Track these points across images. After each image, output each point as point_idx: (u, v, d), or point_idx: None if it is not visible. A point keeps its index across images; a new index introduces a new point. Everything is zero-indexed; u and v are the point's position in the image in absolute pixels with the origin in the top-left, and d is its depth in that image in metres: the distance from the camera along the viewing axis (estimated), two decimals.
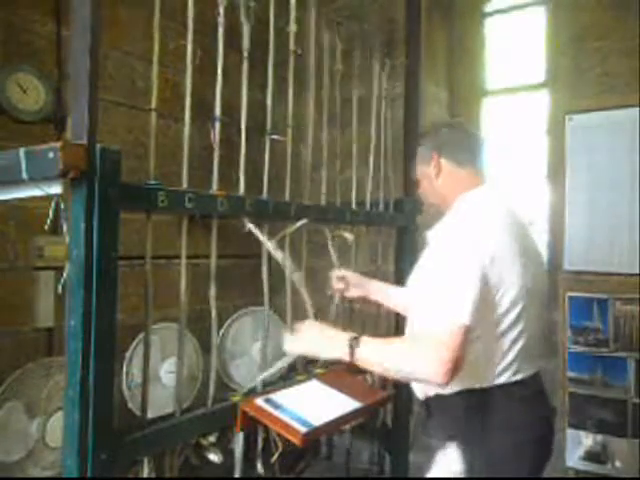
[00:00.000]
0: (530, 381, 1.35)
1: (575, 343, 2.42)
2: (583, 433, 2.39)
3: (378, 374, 1.29)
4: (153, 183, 1.29)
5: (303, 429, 1.35)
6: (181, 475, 1.43)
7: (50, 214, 1.15)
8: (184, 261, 1.41)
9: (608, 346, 2.34)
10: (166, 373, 1.58)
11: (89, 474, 1.10)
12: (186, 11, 1.40)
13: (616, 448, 2.32)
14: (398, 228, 2.21)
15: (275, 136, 1.64)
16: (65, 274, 1.14)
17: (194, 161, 1.45)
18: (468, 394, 1.30)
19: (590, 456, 2.38)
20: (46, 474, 1.46)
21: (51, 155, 1.05)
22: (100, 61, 1.12)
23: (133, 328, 1.43)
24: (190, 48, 1.40)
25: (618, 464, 2.32)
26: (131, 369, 1.50)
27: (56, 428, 1.45)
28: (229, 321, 1.73)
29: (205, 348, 1.58)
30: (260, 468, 1.60)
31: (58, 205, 1.16)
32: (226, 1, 1.45)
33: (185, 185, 1.40)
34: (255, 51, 1.56)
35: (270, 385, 1.63)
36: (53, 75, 2.22)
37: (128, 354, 1.51)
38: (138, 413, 1.34)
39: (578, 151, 2.47)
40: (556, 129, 2.58)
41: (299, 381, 1.68)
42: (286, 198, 1.70)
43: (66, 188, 1.11)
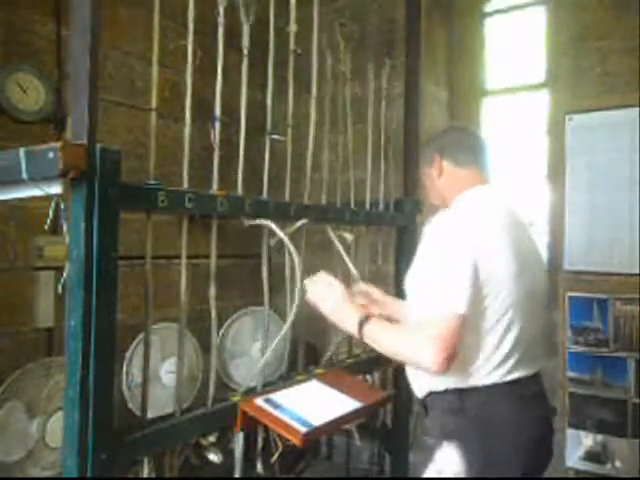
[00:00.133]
0: (530, 381, 1.35)
1: (575, 343, 2.42)
2: (583, 433, 2.39)
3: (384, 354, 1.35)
4: (153, 183, 1.29)
5: (303, 429, 1.34)
6: (181, 475, 1.43)
7: (50, 214, 1.15)
8: (184, 261, 1.41)
9: (608, 346, 2.34)
10: (166, 373, 1.58)
11: (89, 474, 1.10)
12: (186, 11, 1.40)
13: (616, 448, 2.32)
14: (398, 228, 2.21)
15: (275, 136, 1.64)
16: (65, 274, 1.14)
17: (194, 161, 1.45)
18: (465, 392, 1.31)
19: (590, 456, 2.38)
20: (46, 474, 1.46)
21: (51, 155, 1.05)
22: (100, 61, 1.12)
23: (133, 328, 1.43)
24: (190, 48, 1.40)
25: (618, 464, 2.32)
26: (131, 369, 1.50)
27: (56, 428, 1.45)
28: (229, 321, 1.73)
29: (205, 348, 1.58)
30: (260, 468, 1.60)
31: (58, 205, 1.16)
32: (226, 1, 1.45)
33: (185, 185, 1.40)
34: (255, 51, 1.56)
35: (270, 385, 1.63)
36: (53, 75, 2.22)
37: (128, 354, 1.51)
38: (138, 413, 1.34)
39: (578, 151, 2.47)
40: (556, 129, 2.58)
41: (299, 381, 1.68)
42: (286, 198, 1.70)
43: (66, 188, 1.11)
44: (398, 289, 1.98)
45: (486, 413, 1.30)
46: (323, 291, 1.44)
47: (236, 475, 1.54)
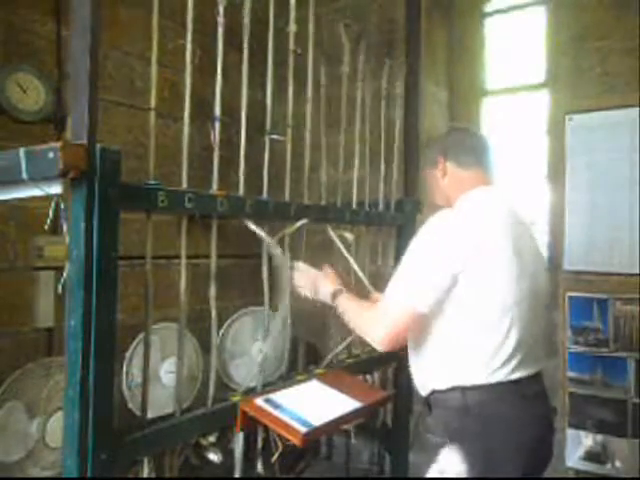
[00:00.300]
0: (531, 380, 1.36)
1: (575, 343, 2.42)
2: (583, 433, 2.39)
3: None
4: (153, 183, 1.29)
5: (303, 429, 1.35)
6: (181, 475, 1.43)
7: (50, 214, 1.15)
8: (184, 261, 1.41)
9: (608, 346, 2.34)
10: (166, 373, 1.58)
11: (89, 474, 1.10)
12: (185, 11, 1.40)
13: (616, 448, 2.32)
14: (398, 228, 2.21)
15: (275, 136, 1.64)
16: (65, 274, 1.14)
17: (194, 161, 1.45)
18: (468, 391, 1.32)
19: (590, 456, 2.38)
20: (46, 474, 1.46)
21: (51, 155, 1.05)
22: (100, 61, 1.12)
23: (133, 328, 1.43)
24: (189, 47, 1.40)
25: (618, 464, 2.32)
26: (131, 369, 1.50)
27: (56, 428, 1.44)
28: (229, 321, 1.73)
29: (205, 348, 1.58)
30: (260, 468, 1.60)
31: (58, 205, 1.16)
32: (226, 1, 1.45)
33: (184, 185, 1.40)
34: (255, 51, 1.56)
35: (270, 385, 1.63)
36: (53, 75, 2.22)
37: (128, 354, 1.50)
38: (138, 413, 1.34)
39: (578, 151, 2.47)
40: (556, 129, 2.58)
41: (299, 381, 1.68)
42: (286, 198, 1.70)
43: (66, 188, 1.11)
44: None
45: (489, 411, 1.31)
46: (303, 276, 1.66)
47: (236, 475, 1.54)
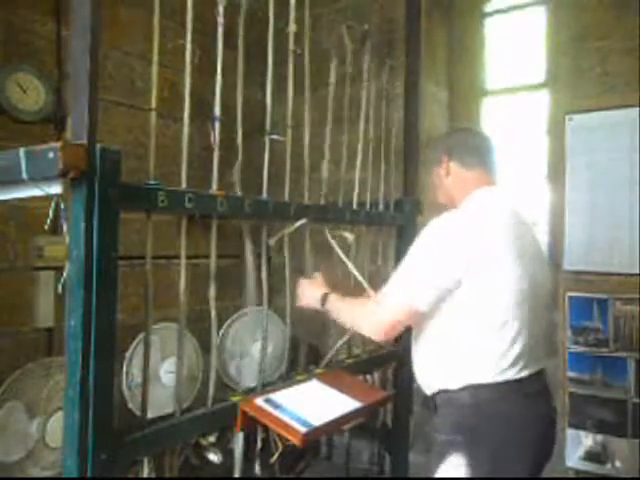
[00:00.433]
0: (535, 378, 1.38)
1: (575, 343, 2.42)
2: (583, 433, 2.39)
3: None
4: (153, 183, 1.29)
5: (303, 429, 1.35)
6: (181, 475, 1.43)
7: (50, 214, 1.15)
8: (184, 261, 1.41)
9: (608, 346, 2.34)
10: (166, 373, 1.58)
11: (89, 474, 1.10)
12: (185, 11, 1.40)
13: (616, 448, 2.32)
14: (398, 228, 2.21)
15: (275, 136, 1.63)
16: (65, 274, 1.14)
17: (194, 161, 1.45)
18: (473, 389, 1.33)
19: (590, 456, 2.38)
20: (46, 474, 1.46)
21: (51, 155, 1.05)
22: (100, 61, 1.12)
23: (133, 328, 1.42)
24: (189, 47, 1.40)
25: (618, 464, 2.32)
26: (131, 369, 1.50)
27: (56, 428, 1.44)
28: (229, 321, 1.73)
29: (205, 348, 1.57)
30: (260, 468, 1.60)
31: (58, 205, 1.16)
32: (225, 1, 1.45)
33: (184, 185, 1.40)
34: (255, 51, 1.56)
35: (270, 385, 1.63)
36: (53, 75, 2.22)
37: (128, 354, 1.50)
38: (138, 413, 1.34)
39: (578, 151, 2.47)
40: (556, 129, 2.58)
41: (299, 381, 1.68)
42: (286, 198, 1.70)
43: (66, 188, 1.11)
44: None
45: (496, 410, 1.32)
46: (301, 290, 1.71)
47: (236, 475, 1.54)
